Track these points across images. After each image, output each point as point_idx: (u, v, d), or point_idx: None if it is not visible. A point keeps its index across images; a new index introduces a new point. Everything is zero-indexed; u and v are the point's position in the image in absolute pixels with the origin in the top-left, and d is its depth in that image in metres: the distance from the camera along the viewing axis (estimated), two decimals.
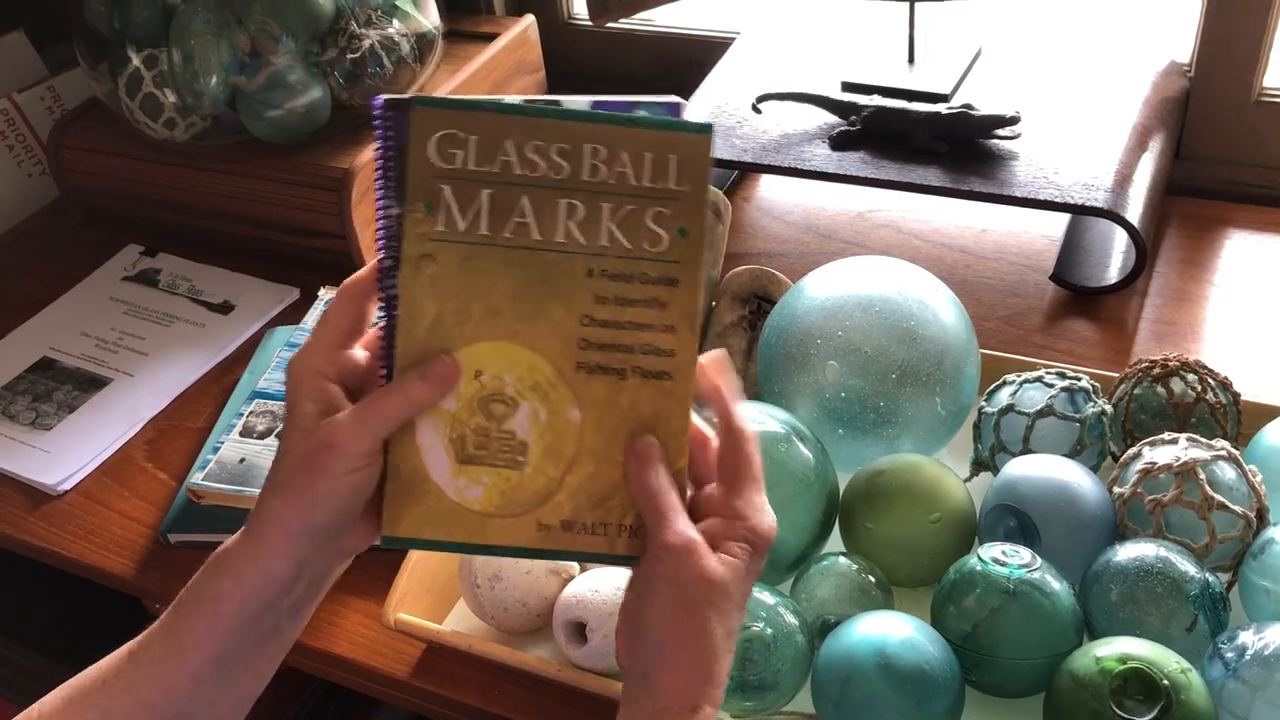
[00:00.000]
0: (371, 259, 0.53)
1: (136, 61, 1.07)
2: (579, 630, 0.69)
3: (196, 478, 0.85)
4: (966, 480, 0.76)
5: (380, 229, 0.51)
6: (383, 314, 0.52)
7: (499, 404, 0.52)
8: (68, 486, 0.92)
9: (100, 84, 1.13)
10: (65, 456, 0.94)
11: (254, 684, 0.56)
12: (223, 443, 0.87)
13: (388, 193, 0.50)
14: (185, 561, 0.84)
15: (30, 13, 1.41)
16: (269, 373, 0.94)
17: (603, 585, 0.69)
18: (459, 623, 0.75)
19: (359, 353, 0.53)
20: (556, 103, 0.52)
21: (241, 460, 0.85)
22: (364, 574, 0.80)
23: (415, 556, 0.74)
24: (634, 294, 0.51)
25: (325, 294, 1.02)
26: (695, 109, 1.09)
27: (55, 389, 1.01)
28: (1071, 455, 0.73)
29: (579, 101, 0.52)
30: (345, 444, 0.50)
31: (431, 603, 0.75)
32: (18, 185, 1.32)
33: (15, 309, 1.13)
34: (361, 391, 0.52)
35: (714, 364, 0.53)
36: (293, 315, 1.06)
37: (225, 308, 1.10)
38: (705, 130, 0.50)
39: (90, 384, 1.02)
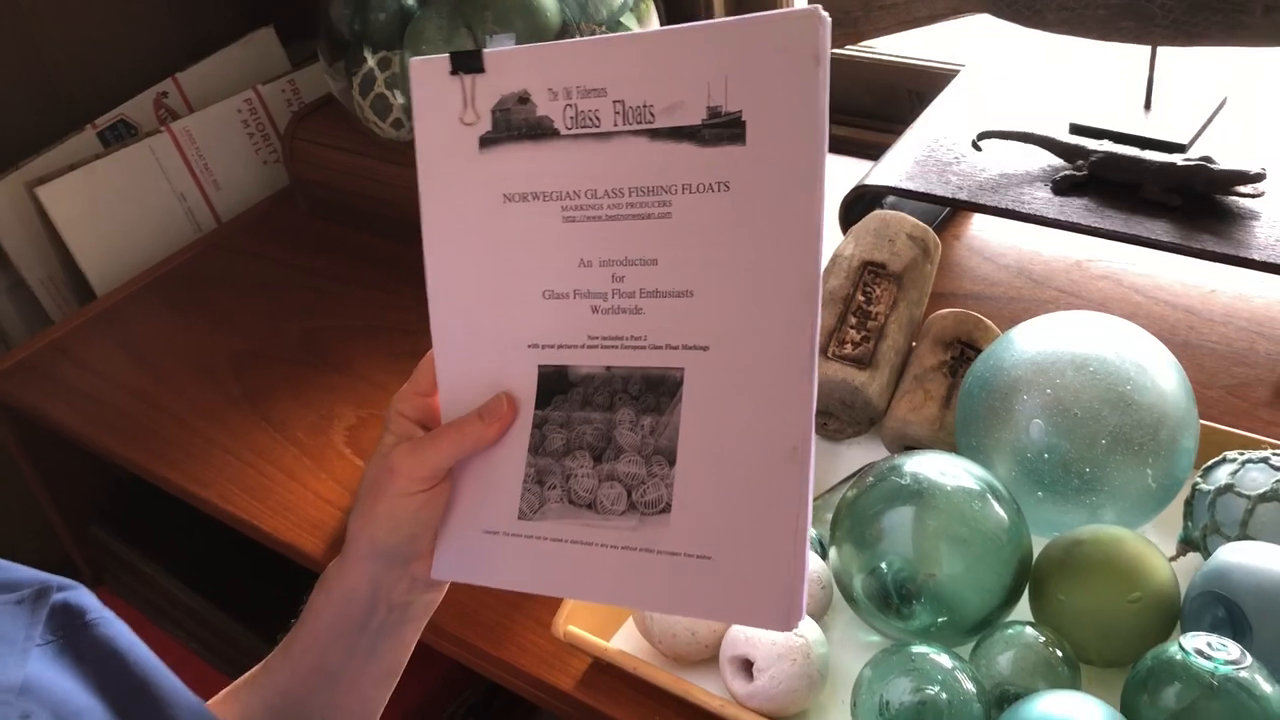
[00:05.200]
0: None
1: (371, 63, 1.13)
2: (746, 667, 0.68)
3: None
4: (1172, 559, 0.71)
5: None
6: None
7: None
8: None
9: (336, 81, 1.18)
10: None
11: (362, 703, 0.60)
12: None
13: None
14: None
15: (281, 10, 1.50)
16: None
17: None
18: (625, 642, 0.75)
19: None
20: None
21: None
22: None
23: None
24: None
25: None
26: (913, 141, 1.07)
27: None
28: None
29: None
30: (400, 468, 0.54)
31: (601, 619, 0.75)
32: (254, 171, 1.41)
33: (242, 290, 1.20)
34: None
35: None
36: None
37: None
38: None
39: None
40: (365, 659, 0.58)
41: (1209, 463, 0.73)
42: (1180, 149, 0.98)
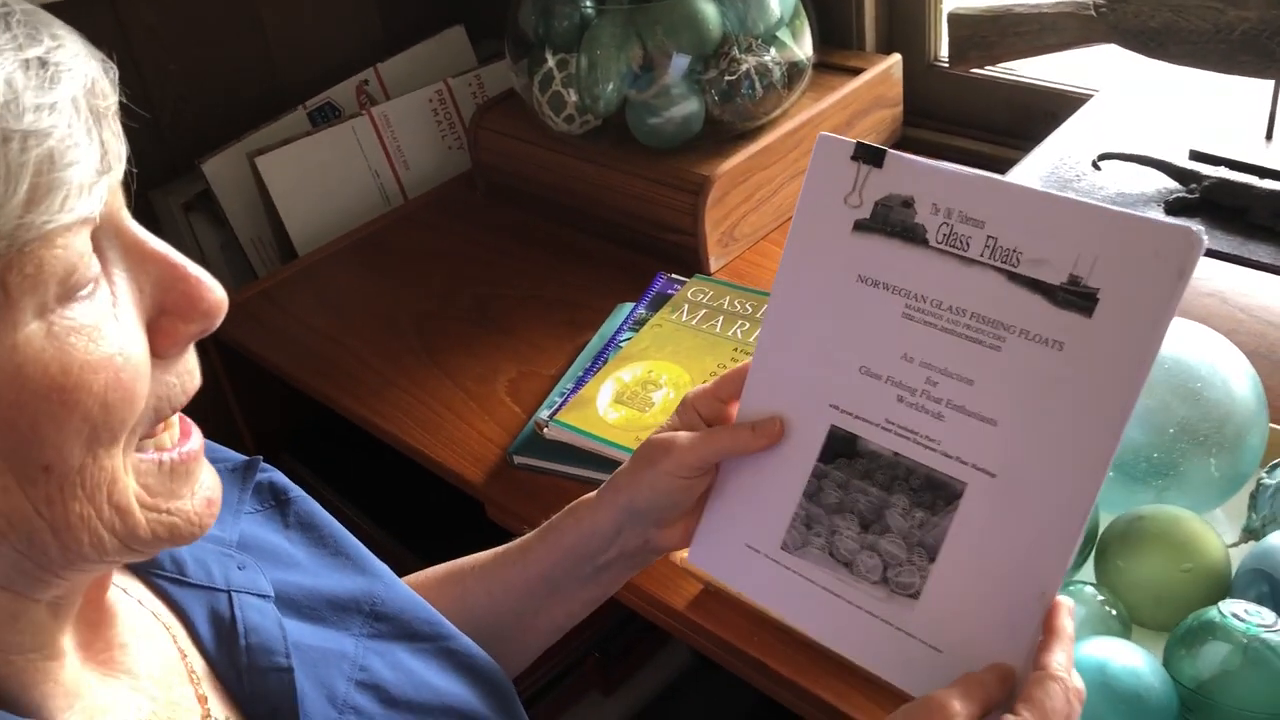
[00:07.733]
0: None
1: (551, 63, 1.27)
2: None
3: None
4: (1233, 546, 0.79)
5: None
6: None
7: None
8: None
9: (519, 78, 1.33)
10: None
11: (566, 615, 0.73)
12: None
13: None
14: (523, 481, 1.01)
15: (472, 11, 1.67)
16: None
17: None
18: None
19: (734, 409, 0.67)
20: None
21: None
22: None
23: None
24: None
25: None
26: (1040, 159, 1.15)
27: None
28: None
29: None
30: (676, 450, 0.64)
31: None
32: (439, 155, 1.57)
33: (423, 257, 1.36)
34: None
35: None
36: (633, 293, 1.19)
37: None
38: None
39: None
40: (583, 583, 0.70)
41: (1276, 461, 0.80)
42: None
